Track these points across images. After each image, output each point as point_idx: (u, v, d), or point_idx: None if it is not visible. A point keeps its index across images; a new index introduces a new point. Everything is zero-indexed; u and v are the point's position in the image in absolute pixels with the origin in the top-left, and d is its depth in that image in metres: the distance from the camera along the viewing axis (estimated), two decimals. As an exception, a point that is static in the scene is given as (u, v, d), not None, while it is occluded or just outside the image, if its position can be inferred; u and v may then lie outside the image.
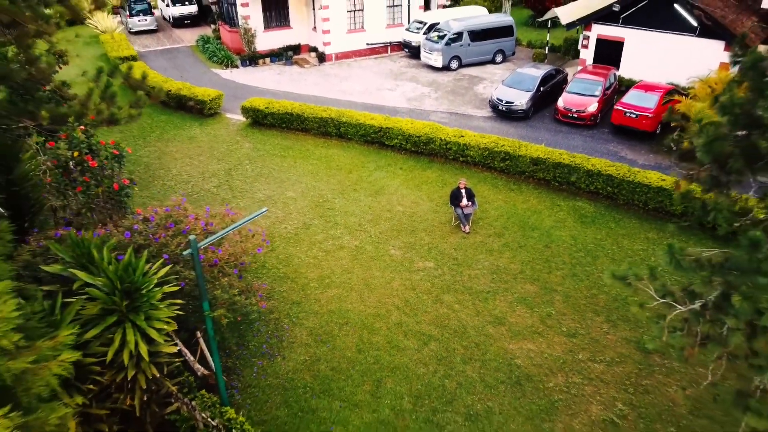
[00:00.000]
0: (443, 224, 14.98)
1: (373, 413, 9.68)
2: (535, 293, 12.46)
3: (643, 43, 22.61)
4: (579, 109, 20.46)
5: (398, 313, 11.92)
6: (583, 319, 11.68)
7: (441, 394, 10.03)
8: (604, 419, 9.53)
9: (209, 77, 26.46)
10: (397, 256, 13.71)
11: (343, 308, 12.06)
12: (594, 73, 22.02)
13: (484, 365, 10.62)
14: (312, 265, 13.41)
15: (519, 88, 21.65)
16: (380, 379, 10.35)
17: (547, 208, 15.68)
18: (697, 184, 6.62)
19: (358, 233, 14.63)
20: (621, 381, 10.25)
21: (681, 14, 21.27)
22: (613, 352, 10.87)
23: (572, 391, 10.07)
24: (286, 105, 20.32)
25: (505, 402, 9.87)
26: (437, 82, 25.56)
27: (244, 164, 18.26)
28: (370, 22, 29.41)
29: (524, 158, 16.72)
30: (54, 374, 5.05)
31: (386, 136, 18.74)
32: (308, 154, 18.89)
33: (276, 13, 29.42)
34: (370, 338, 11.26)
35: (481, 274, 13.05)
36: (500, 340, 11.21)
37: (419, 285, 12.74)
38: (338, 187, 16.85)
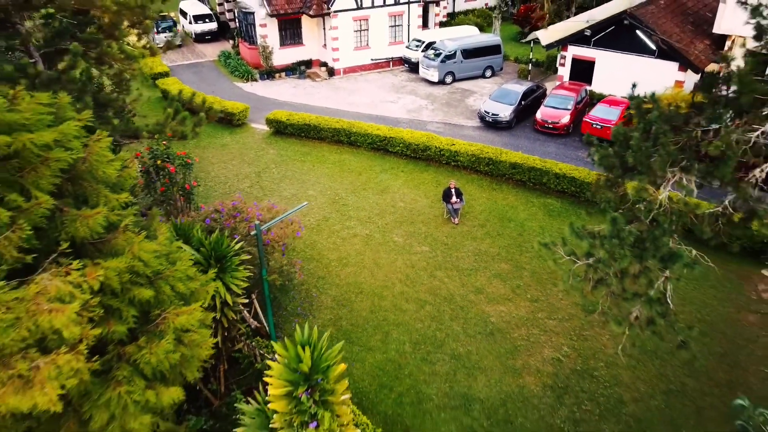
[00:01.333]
0: (437, 217, 18.23)
1: (383, 354, 12.93)
2: (508, 270, 15.72)
3: (611, 63, 25.86)
4: (554, 121, 23.72)
5: (401, 284, 15.18)
6: (544, 289, 14.94)
7: (433, 342, 13.29)
8: (553, 357, 12.79)
9: (233, 90, 29.70)
10: (399, 242, 16.97)
11: (357, 281, 15.31)
12: (568, 89, 25.30)
13: (466, 322, 13.88)
14: (332, 249, 16.67)
15: (503, 102, 24.91)
16: (387, 331, 13.61)
17: (522, 204, 18.93)
18: (600, 183, 9.85)
19: (368, 224, 17.89)
20: (568, 332, 13.50)
21: (642, 39, 24.53)
22: (564, 312, 14.13)
23: (531, 339, 13.33)
24: (304, 117, 23.58)
25: (480, 347, 13.12)
26: (433, 95, 28.81)
27: (270, 168, 21.51)
28: (374, 40, 32.64)
29: (504, 163, 19.95)
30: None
31: (390, 144, 21.99)
32: (324, 159, 22.15)
33: (290, 32, 32.66)
34: (380, 303, 14.51)
35: (466, 256, 16.31)
36: (479, 304, 14.47)
37: (417, 264, 16.00)
38: (350, 187, 20.09)
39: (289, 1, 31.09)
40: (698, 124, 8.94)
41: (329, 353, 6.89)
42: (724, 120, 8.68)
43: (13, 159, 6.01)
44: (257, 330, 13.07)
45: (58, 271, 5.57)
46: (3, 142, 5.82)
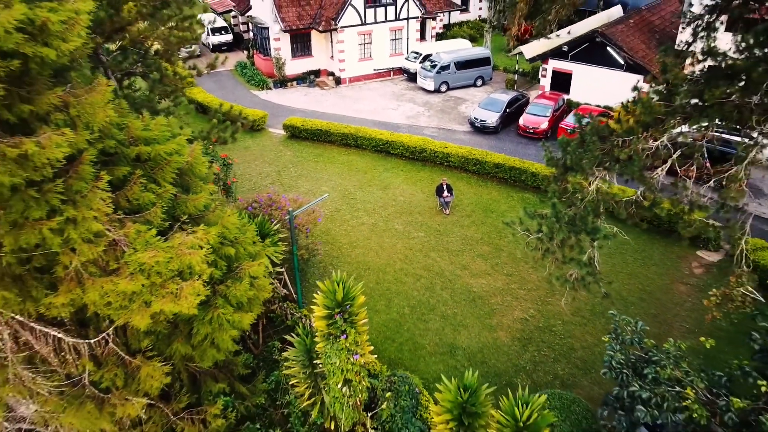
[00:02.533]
0: (431, 208, 21.41)
1: (387, 315, 16.12)
2: (488, 251, 18.91)
3: (586, 75, 29.03)
4: (534, 126, 26.91)
5: (401, 263, 18.36)
6: (517, 266, 18.12)
7: (426, 306, 16.47)
8: (521, 318, 15.98)
9: (250, 98, 32.88)
10: (399, 229, 20.16)
11: (365, 260, 18.48)
12: (547, 98, 28.49)
13: (453, 291, 17.07)
14: (343, 235, 19.85)
15: (491, 109, 28.10)
16: (390, 298, 16.79)
17: (503, 198, 22.11)
18: (549, 179, 13.05)
19: (373, 214, 21.07)
20: (534, 299, 16.70)
21: (612, 54, 27.70)
22: (532, 284, 17.32)
23: (504, 304, 16.53)
24: (316, 123, 26.75)
25: (464, 310, 16.31)
26: (430, 103, 31.99)
27: (288, 167, 24.70)
28: (376, 52, 35.80)
29: (489, 163, 23.12)
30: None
31: (391, 147, 25.16)
32: (334, 159, 25.33)
33: (301, 45, 35.83)
34: (383, 277, 17.70)
35: (455, 240, 19.51)
36: (464, 278, 17.66)
37: (414, 246, 19.18)
38: (357, 184, 23.27)
39: (300, 18, 34.27)
40: (618, 135, 12.13)
41: (354, 289, 10.08)
42: (636, 132, 11.87)
43: (150, 162, 9.20)
44: (286, 296, 16.27)
45: (185, 232, 8.75)
46: (145, 150, 9.00)
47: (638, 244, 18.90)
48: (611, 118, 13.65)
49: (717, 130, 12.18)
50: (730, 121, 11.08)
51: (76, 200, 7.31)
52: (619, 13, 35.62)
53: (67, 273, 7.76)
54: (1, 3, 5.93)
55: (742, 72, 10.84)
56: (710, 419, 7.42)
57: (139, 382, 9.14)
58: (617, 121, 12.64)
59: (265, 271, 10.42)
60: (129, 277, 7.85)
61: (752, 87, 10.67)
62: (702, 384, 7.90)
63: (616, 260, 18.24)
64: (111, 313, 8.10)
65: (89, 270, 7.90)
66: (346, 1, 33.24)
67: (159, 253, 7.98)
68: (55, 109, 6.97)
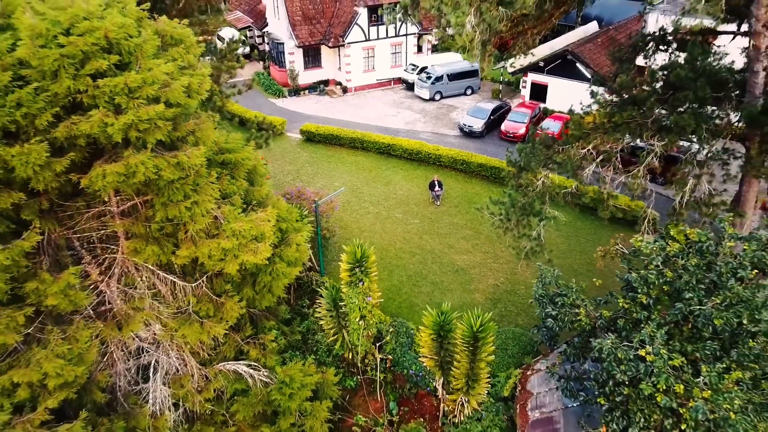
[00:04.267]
0: (425, 201, 25.69)
1: (389, 282, 20.40)
2: (470, 234, 23.20)
3: (559, 87, 33.25)
4: (514, 131, 31.17)
5: (400, 243, 22.65)
6: (493, 245, 22.41)
7: (420, 275, 20.77)
8: (493, 284, 20.29)
9: (269, 106, 37.12)
10: (399, 217, 24.44)
11: (371, 241, 22.65)
12: (526, 106, 32.74)
13: (442, 265, 21.36)
14: (353, 221, 24.13)
15: (477, 116, 32.35)
16: (391, 270, 21.08)
17: (485, 192, 26.37)
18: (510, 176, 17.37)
19: (377, 205, 25.35)
20: (505, 270, 20.99)
21: (581, 70, 31.93)
22: (504, 259, 21.61)
23: (481, 274, 20.82)
24: (329, 129, 31.01)
25: (449, 278, 20.61)
26: (425, 110, 36.25)
27: (305, 166, 28.97)
28: (379, 64, 40.00)
29: (474, 163, 27.38)
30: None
31: (392, 149, 29.41)
32: (344, 160, 29.59)
33: (312, 57, 40.02)
34: (386, 254, 21.98)
35: (444, 226, 23.80)
36: (450, 254, 21.95)
37: (411, 231, 23.47)
38: (364, 180, 27.53)
39: (312, 35, 38.48)
40: (558, 144, 16.41)
41: (368, 251, 14.37)
42: (570, 142, 16.14)
43: (231, 165, 13.47)
44: (311, 267, 20.58)
45: (257, 211, 13.03)
46: (229, 157, 13.29)
47: (591, 229, 23.19)
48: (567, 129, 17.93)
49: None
50: (634, 136, 15.39)
51: (197, 189, 11.59)
52: (595, 28, 39.85)
53: (187, 236, 12.05)
54: (169, 76, 10.17)
55: (642, 101, 15.15)
56: (593, 326, 11.67)
57: (223, 312, 13.42)
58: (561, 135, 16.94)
59: (304, 240, 14.72)
60: (226, 239, 12.13)
61: (647, 112, 14.97)
62: (591, 306, 12.15)
63: (572, 241, 22.55)
64: (213, 263, 12.37)
65: (200, 234, 12.18)
66: (352, 20, 37.46)
67: (244, 224, 12.26)
68: (188, 134, 11.23)
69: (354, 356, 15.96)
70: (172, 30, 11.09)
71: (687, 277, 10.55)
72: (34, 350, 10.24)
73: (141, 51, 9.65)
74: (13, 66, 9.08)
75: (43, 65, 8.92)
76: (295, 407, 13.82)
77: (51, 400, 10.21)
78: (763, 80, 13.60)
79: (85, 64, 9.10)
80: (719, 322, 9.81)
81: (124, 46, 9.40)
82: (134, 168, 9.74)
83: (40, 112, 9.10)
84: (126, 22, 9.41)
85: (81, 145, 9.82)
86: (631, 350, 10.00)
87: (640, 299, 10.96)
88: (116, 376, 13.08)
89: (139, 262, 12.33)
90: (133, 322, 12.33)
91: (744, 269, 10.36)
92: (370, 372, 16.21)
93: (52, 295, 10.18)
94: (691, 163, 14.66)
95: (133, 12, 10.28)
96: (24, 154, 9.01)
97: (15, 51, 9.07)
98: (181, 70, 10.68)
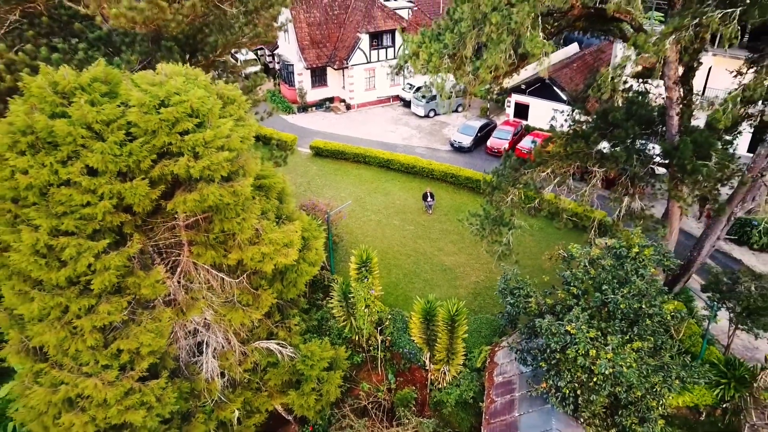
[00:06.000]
0: (419, 210, 29.44)
1: (387, 279, 24.15)
2: (457, 239, 26.96)
3: (540, 107, 37.01)
4: (498, 147, 34.93)
5: (397, 246, 26.41)
6: (475, 248, 26.16)
7: (414, 274, 24.53)
8: (475, 280, 24.05)
9: (281, 121, 40.86)
10: (396, 224, 28.20)
11: (373, 245, 26.44)
12: (510, 124, 36.52)
13: (432, 264, 25.12)
14: (358, 228, 27.88)
15: (466, 133, 36.11)
16: (390, 269, 24.84)
17: (471, 202, 30.12)
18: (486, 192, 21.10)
19: (378, 214, 29.10)
20: (485, 269, 24.75)
21: (558, 92, 35.70)
22: (483, 259, 25.36)
23: (465, 272, 24.58)
24: (335, 145, 34.77)
25: (438, 276, 24.37)
26: (420, 126, 40.02)
27: (315, 179, 32.72)
28: (379, 83, 43.75)
29: (462, 176, 31.13)
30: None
31: (390, 164, 33.17)
32: (349, 173, 33.35)
33: (319, 77, 43.77)
34: (385, 255, 25.73)
35: (435, 232, 27.56)
36: (439, 256, 25.72)
37: (406, 236, 27.23)
38: (366, 191, 31.28)
39: (319, 58, 42.22)
40: (524, 168, 20.18)
41: (371, 255, 18.12)
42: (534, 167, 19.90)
43: (265, 187, 17.24)
44: (323, 266, 24.34)
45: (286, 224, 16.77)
46: (264, 182, 17.06)
47: (559, 234, 26.93)
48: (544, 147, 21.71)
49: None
50: (582, 163, 19.16)
51: (245, 209, 15.35)
52: (576, 49, 43.66)
53: (236, 243, 15.80)
54: (230, 130, 13.88)
55: (587, 136, 18.93)
56: (540, 311, 15.40)
57: (259, 302, 17.16)
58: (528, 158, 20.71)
59: (321, 245, 18.48)
60: (265, 246, 15.89)
61: (591, 144, 18.75)
62: (540, 296, 15.89)
63: (542, 244, 26.31)
64: (253, 264, 16.11)
65: (245, 242, 15.93)
66: (355, 45, 41.21)
67: (278, 234, 16.01)
68: (239, 168, 14.96)
69: (360, 338, 19.71)
70: (228, 92, 14.85)
71: (604, 275, 14.31)
72: (131, 327, 13.98)
73: (212, 113, 13.41)
74: (125, 126, 12.86)
75: (147, 126, 12.67)
76: (315, 375, 17.58)
77: (144, 363, 13.96)
78: (677, 122, 17.37)
79: (176, 126, 12.84)
80: (624, 306, 13.58)
81: (202, 110, 13.15)
82: (206, 196, 13.48)
83: (144, 159, 12.87)
84: (203, 94, 13.18)
85: (168, 179, 13.57)
86: (562, 326, 13.76)
87: (572, 291, 14.72)
88: (180, 350, 16.83)
89: (198, 263, 16.09)
90: (194, 309, 16.08)
91: (644, 268, 14.12)
92: (372, 351, 19.96)
93: (145, 287, 13.91)
94: (624, 185, 18.42)
95: (203, 82, 14.05)
96: (133, 188, 12.76)
97: (125, 116, 12.84)
98: (236, 122, 14.44)
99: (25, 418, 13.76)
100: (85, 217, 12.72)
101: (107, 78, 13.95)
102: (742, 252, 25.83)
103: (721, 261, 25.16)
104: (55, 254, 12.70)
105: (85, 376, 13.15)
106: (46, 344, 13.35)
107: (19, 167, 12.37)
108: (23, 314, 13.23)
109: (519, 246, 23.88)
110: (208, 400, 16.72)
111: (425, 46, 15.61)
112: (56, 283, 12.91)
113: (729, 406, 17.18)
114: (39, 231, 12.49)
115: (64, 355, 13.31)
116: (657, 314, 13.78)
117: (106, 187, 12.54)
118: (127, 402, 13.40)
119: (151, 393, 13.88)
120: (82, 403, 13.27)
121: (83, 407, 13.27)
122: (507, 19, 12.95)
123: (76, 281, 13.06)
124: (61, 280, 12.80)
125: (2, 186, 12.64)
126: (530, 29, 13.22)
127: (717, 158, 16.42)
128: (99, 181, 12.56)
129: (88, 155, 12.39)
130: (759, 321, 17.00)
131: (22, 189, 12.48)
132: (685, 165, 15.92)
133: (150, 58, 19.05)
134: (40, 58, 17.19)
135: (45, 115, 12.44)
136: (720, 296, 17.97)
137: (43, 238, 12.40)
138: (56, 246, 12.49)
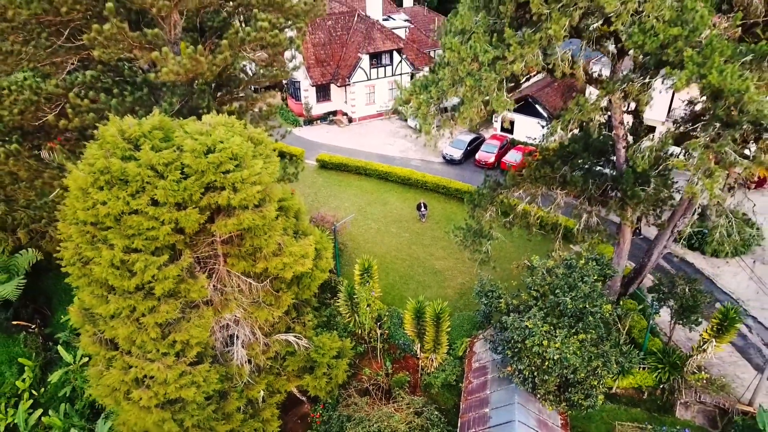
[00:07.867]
0: (414, 218, 32.93)
1: (385, 281, 27.64)
2: (446, 245, 30.43)
3: (524, 122, 40.42)
4: (485, 160, 38.39)
5: (394, 252, 29.92)
6: (462, 254, 29.62)
7: (408, 276, 28.05)
8: (461, 282, 27.57)
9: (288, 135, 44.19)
10: (393, 232, 31.70)
11: (373, 250, 29.98)
12: (497, 138, 39.96)
13: (425, 268, 28.63)
14: (359, 235, 31.37)
15: (457, 147, 39.55)
16: (387, 272, 28.35)
17: (461, 211, 33.56)
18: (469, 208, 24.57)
19: (377, 222, 32.59)
20: (470, 272, 28.25)
21: (539, 110, 39.12)
22: (470, 265, 28.81)
23: (453, 275, 28.10)
24: (339, 158, 38.21)
25: (429, 278, 27.87)
26: (416, 139, 43.46)
27: (321, 189, 36.19)
28: (378, 98, 47.12)
29: (452, 187, 34.58)
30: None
31: (389, 176, 36.62)
32: (351, 184, 36.81)
33: (323, 93, 47.15)
34: (384, 260, 29.22)
35: (427, 238, 31.06)
36: (431, 260, 29.23)
37: (402, 242, 30.73)
38: (367, 201, 34.75)
39: (323, 75, 45.58)
40: (501, 188, 23.64)
41: (372, 263, 21.61)
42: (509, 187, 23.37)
43: (284, 208, 20.73)
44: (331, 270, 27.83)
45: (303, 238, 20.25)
46: (284, 204, 20.57)
47: (537, 242, 30.46)
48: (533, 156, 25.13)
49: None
50: (547, 187, 22.63)
51: (271, 227, 18.83)
52: (559, 66, 46.90)
53: (262, 255, 19.29)
54: (261, 168, 17.34)
55: (552, 163, 22.38)
56: (508, 310, 18.93)
57: (279, 302, 20.67)
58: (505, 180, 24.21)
59: (331, 255, 22.00)
60: (286, 257, 19.38)
61: (556, 170, 22.20)
62: (509, 298, 19.42)
63: (521, 251, 29.82)
64: (276, 271, 19.59)
65: (270, 255, 19.42)
66: (356, 64, 44.57)
67: (297, 247, 19.51)
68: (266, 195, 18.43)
69: (362, 332, 23.25)
70: (257, 135, 18.31)
71: (557, 281, 17.82)
72: (182, 323, 17.49)
73: (247, 156, 16.90)
74: (180, 167, 16.33)
75: (198, 167, 16.14)
76: (326, 362, 21.13)
77: (193, 351, 17.49)
78: (624, 154, 20.84)
79: (220, 167, 16.32)
80: (571, 306, 17.10)
81: (240, 154, 16.64)
82: (242, 220, 16.97)
83: (195, 192, 16.35)
84: (240, 141, 16.65)
85: (212, 207, 17.06)
86: (522, 322, 17.28)
87: (532, 294, 18.24)
88: (216, 341, 20.36)
89: (232, 271, 19.60)
90: (227, 308, 19.60)
91: (589, 276, 17.63)
92: (373, 342, 23.50)
93: (194, 292, 17.43)
94: (582, 204, 21.89)
95: (238, 128, 17.52)
96: (187, 215, 16.25)
97: (180, 158, 16.30)
98: (265, 160, 17.91)
99: (100, 393, 17.31)
100: (150, 238, 16.20)
101: (162, 125, 17.45)
102: (694, 257, 29.36)
103: (676, 265, 28.73)
104: (127, 267, 16.19)
105: (149, 361, 16.68)
106: (117, 336, 16.87)
107: (99, 199, 15.88)
108: (101, 313, 16.73)
109: (501, 252, 27.43)
110: (239, 382, 20.25)
111: (415, 96, 19.03)
112: (127, 288, 16.42)
113: (666, 386, 20.75)
114: (115, 249, 15.98)
115: (132, 344, 16.83)
116: (598, 312, 17.30)
117: (167, 215, 16.02)
118: (181, 381, 16.93)
119: (199, 375, 17.41)
120: (147, 382, 16.81)
121: (148, 385, 16.81)
122: (478, 82, 16.39)
123: (142, 287, 16.57)
124: (131, 286, 16.32)
125: (86, 214, 16.16)
126: (496, 91, 16.64)
127: (655, 185, 19.88)
128: (161, 210, 16.04)
129: (153, 190, 15.87)
130: (690, 318, 20.54)
131: (102, 216, 15.98)
132: (626, 191, 19.41)
133: (187, 98, 22.47)
134: (99, 103, 20.63)
135: (117, 158, 15.93)
136: (661, 296, 21.50)
137: (118, 254, 15.89)
138: (128, 260, 15.98)
